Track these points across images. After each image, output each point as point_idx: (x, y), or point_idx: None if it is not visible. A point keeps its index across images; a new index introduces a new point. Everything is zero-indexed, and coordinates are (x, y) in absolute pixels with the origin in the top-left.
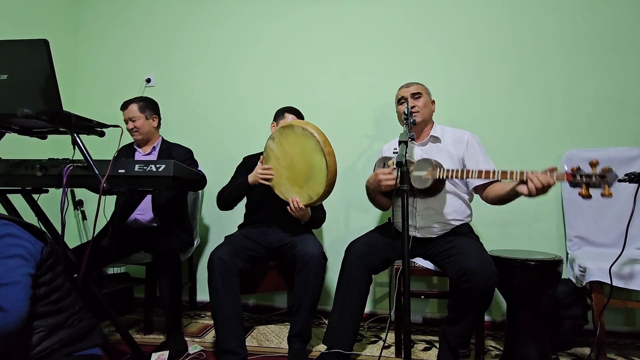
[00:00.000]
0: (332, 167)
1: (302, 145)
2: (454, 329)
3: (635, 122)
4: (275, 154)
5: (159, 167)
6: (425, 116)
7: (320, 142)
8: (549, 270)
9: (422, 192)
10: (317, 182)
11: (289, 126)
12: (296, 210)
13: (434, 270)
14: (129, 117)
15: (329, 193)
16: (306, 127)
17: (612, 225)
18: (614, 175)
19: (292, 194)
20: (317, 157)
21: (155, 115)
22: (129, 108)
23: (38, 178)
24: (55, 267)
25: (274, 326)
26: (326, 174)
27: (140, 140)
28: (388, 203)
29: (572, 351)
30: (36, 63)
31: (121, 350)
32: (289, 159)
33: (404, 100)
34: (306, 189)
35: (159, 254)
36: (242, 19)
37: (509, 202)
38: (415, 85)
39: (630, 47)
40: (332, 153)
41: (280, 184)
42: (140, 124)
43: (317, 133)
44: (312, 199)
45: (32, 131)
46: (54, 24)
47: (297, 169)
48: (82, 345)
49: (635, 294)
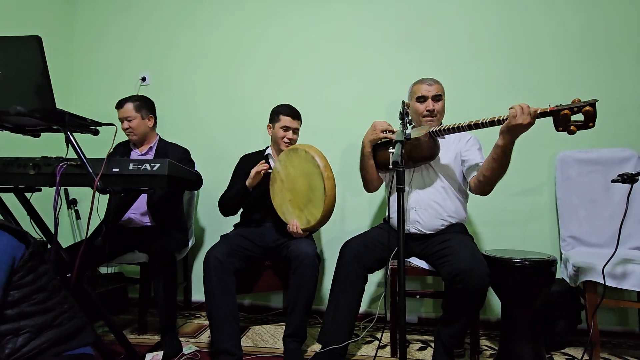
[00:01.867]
0: (330, 192)
1: (305, 169)
2: (448, 328)
3: (628, 124)
4: (280, 176)
5: (153, 166)
6: (440, 120)
7: (320, 167)
8: (543, 270)
9: (419, 157)
10: (316, 206)
11: (294, 149)
12: (295, 232)
13: (429, 270)
14: (125, 116)
15: (326, 219)
16: (309, 151)
17: (606, 226)
18: (594, 100)
19: (292, 216)
20: (317, 181)
21: (151, 115)
22: (124, 107)
23: (31, 176)
24: (38, 267)
25: (269, 326)
26: (324, 198)
27: (136, 140)
28: (376, 176)
29: (566, 351)
30: (29, 60)
31: (115, 350)
32: (292, 181)
33: (424, 100)
34: (305, 213)
35: (154, 254)
36: (240, 19)
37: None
38: (436, 85)
39: (622, 48)
40: (332, 178)
41: (282, 206)
42: (136, 124)
43: (319, 158)
44: (309, 224)
45: (25, 129)
46: (48, 20)
47: (298, 192)
48: (72, 345)
49: (628, 294)
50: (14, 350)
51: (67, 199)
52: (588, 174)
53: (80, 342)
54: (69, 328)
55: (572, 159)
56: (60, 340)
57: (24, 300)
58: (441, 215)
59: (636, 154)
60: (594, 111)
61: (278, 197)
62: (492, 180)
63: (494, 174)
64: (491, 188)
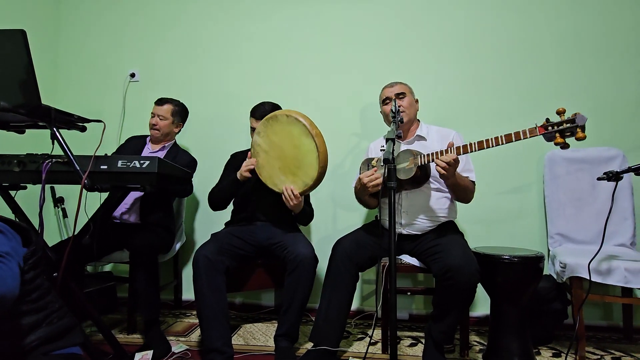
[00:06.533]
0: (322, 148)
1: (289, 132)
2: (439, 324)
3: (614, 124)
4: (263, 148)
5: (143, 164)
6: (410, 116)
7: (307, 125)
8: (531, 267)
9: (409, 183)
10: (310, 166)
11: (272, 117)
12: (291, 198)
13: (420, 267)
14: (159, 113)
15: (323, 176)
16: (290, 114)
17: (592, 223)
18: (583, 117)
19: (286, 183)
20: (305, 141)
21: (181, 123)
22: (164, 106)
23: (15, 174)
24: (38, 265)
25: (260, 324)
26: (317, 155)
27: (156, 137)
28: (376, 202)
29: (552, 345)
30: (13, 54)
31: (103, 350)
32: (278, 148)
33: (389, 101)
34: (300, 176)
35: (135, 249)
36: (231, 16)
37: (456, 193)
38: (398, 85)
39: (609, 49)
40: (320, 134)
41: (272, 176)
42: (165, 124)
43: (302, 117)
44: (307, 185)
45: (10, 125)
46: (34, 14)
47: (287, 157)
48: (61, 344)
49: (612, 289)
50: None
51: (54, 198)
52: (575, 172)
53: (69, 341)
54: (59, 327)
55: (560, 158)
56: (49, 339)
57: (21, 298)
58: (432, 216)
59: (621, 153)
60: (583, 133)
61: (265, 170)
62: (461, 201)
63: (458, 199)
64: (467, 202)
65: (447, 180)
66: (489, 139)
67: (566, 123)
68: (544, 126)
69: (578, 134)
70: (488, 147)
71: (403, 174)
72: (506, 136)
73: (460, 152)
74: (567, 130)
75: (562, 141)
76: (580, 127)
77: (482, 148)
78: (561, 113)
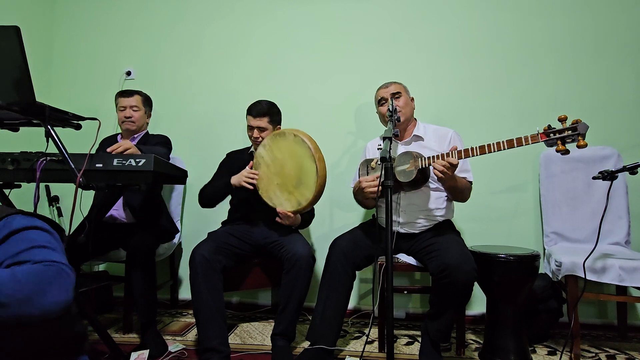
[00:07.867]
0: (322, 173)
1: (294, 151)
2: (435, 323)
3: (610, 123)
4: (265, 161)
5: (139, 162)
6: (407, 115)
7: (311, 148)
8: (526, 265)
9: (409, 185)
10: (307, 187)
11: (280, 133)
12: (284, 218)
13: (417, 265)
14: (131, 105)
15: (318, 198)
16: (297, 134)
17: (587, 222)
18: (585, 125)
19: (281, 199)
20: (307, 163)
21: (150, 113)
22: (133, 97)
23: (9, 172)
24: None
25: (257, 323)
26: (316, 179)
27: (130, 131)
28: (374, 203)
29: (548, 343)
30: (7, 51)
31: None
32: (279, 165)
33: (385, 101)
34: (296, 195)
35: (132, 249)
36: (230, 15)
37: (454, 195)
38: (393, 84)
39: (604, 49)
40: (323, 159)
41: (269, 190)
42: (140, 115)
43: (308, 140)
44: (301, 205)
45: (3, 123)
46: (28, 10)
47: (287, 174)
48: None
49: (607, 288)
50: None
51: (49, 196)
52: (571, 171)
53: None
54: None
55: (555, 157)
56: (64, 347)
57: None
58: (430, 215)
59: (616, 152)
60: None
61: (263, 182)
62: (457, 200)
63: (455, 199)
64: (463, 202)
65: (445, 184)
66: (491, 144)
67: (568, 131)
68: (545, 133)
69: (579, 142)
70: (490, 152)
71: (403, 176)
72: (508, 142)
73: (461, 156)
74: (568, 138)
75: (563, 148)
76: (582, 135)
77: (483, 153)
78: (563, 120)
